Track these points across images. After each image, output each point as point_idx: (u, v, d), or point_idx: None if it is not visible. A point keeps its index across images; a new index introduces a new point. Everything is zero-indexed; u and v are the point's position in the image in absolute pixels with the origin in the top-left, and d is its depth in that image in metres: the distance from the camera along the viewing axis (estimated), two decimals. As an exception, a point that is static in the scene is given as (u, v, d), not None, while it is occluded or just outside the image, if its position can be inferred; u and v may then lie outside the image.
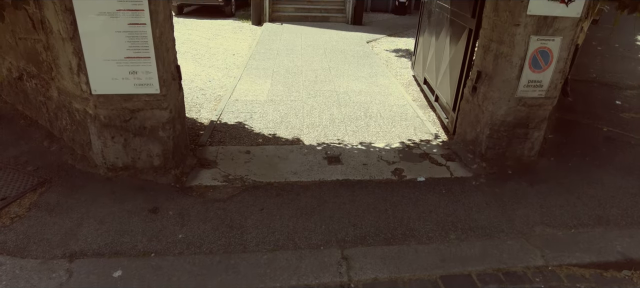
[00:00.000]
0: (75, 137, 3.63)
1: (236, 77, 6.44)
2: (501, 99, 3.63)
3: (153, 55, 2.94)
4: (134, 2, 2.77)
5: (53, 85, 3.61)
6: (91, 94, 3.11)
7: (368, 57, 8.36)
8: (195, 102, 5.30)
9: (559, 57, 3.50)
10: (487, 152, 3.84)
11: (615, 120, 5.23)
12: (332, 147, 4.16)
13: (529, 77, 3.53)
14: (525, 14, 3.29)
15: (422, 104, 5.72)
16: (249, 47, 8.82)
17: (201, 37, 9.54)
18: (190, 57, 7.64)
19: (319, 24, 12.09)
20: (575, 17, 3.35)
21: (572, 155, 4.20)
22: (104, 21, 2.83)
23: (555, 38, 3.42)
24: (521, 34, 3.36)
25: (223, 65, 7.24)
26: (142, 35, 2.86)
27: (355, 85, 6.34)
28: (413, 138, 4.49)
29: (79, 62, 3.02)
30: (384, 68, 7.54)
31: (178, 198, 3.14)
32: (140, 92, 3.09)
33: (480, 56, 3.90)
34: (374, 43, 10.05)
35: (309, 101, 5.51)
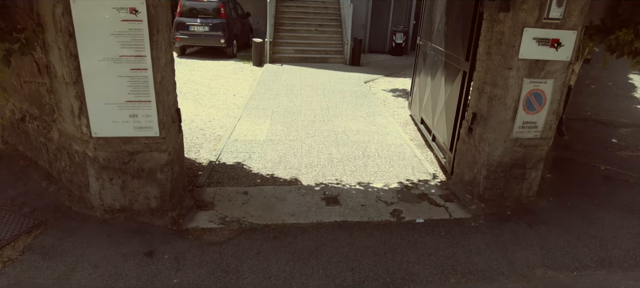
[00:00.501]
0: (73, 178, 3.63)
1: (236, 117, 6.53)
2: (497, 140, 3.67)
3: (154, 99, 3.00)
4: (137, 49, 2.87)
5: (54, 127, 3.66)
6: (91, 137, 3.15)
7: (366, 96, 8.51)
8: (195, 142, 5.34)
9: (552, 98, 3.58)
10: (485, 193, 3.84)
11: (613, 159, 5.25)
12: (330, 187, 4.15)
13: (523, 119, 3.58)
14: (517, 57, 3.39)
15: (419, 143, 5.77)
16: (250, 87, 8.99)
17: (203, 77, 9.74)
18: (191, 97, 7.77)
19: (318, 64, 12.38)
20: (565, 60, 3.45)
21: (571, 194, 4.19)
22: (107, 66, 2.91)
23: (547, 80, 3.51)
24: (514, 77, 3.45)
25: (223, 105, 7.36)
26: (144, 79, 2.94)
27: (353, 125, 6.42)
28: (411, 178, 4.50)
29: (81, 105, 3.08)
30: (381, 108, 7.66)
31: (174, 241, 3.11)
32: (140, 135, 3.13)
33: (475, 98, 3.98)
34: (372, 83, 10.25)
35: (308, 141, 5.56)
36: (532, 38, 3.34)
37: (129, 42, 2.84)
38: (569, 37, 3.38)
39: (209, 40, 12.56)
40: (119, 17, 2.80)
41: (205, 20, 12.39)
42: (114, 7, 2.78)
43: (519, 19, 3.31)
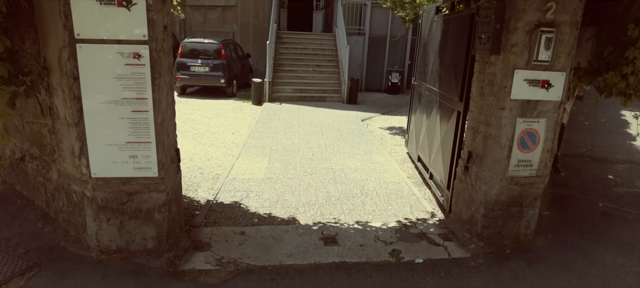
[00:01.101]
0: (70, 218, 3.62)
1: (234, 156, 6.57)
2: (493, 178, 3.70)
3: (154, 140, 3.05)
4: (139, 91, 2.95)
5: (54, 167, 3.68)
6: (90, 177, 3.17)
7: (363, 134, 8.61)
8: (193, 181, 5.35)
9: (546, 137, 3.64)
10: (484, 231, 3.83)
11: (610, 195, 5.27)
12: (328, 226, 4.13)
13: (518, 157, 3.64)
14: (509, 98, 3.49)
15: (417, 181, 5.79)
16: (249, 126, 9.10)
17: (202, 116, 9.87)
18: (191, 136, 7.84)
19: (316, 103, 12.58)
20: (556, 100, 3.55)
21: (570, 232, 4.18)
22: (109, 108, 2.98)
23: (540, 120, 3.59)
24: (507, 117, 3.53)
25: (222, 144, 7.42)
26: (145, 121, 3.00)
27: (351, 163, 6.46)
28: (409, 216, 4.49)
29: (82, 146, 3.13)
30: (378, 145, 7.73)
31: (170, 283, 3.06)
32: (139, 176, 3.15)
33: (470, 137, 4.05)
34: (369, 121, 10.39)
35: (306, 179, 5.58)
36: (523, 79, 3.45)
37: (131, 85, 2.93)
38: (559, 78, 3.49)
39: (209, 80, 12.82)
40: (122, 61, 2.90)
41: (206, 61, 12.69)
42: (118, 51, 2.89)
43: (510, 61, 3.43)
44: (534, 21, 3.32)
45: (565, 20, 3.36)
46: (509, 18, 3.39)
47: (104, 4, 2.81)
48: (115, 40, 2.88)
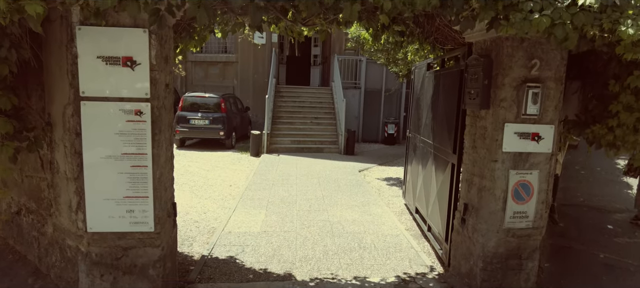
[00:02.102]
0: (63, 274, 3.55)
1: (231, 208, 6.54)
2: (490, 230, 3.70)
3: (151, 195, 3.08)
4: (139, 147, 3.02)
5: (49, 221, 3.67)
6: (86, 231, 3.16)
7: (360, 185, 8.62)
8: (188, 235, 5.29)
9: (540, 188, 3.69)
10: (483, 285, 3.76)
11: (611, 246, 5.21)
12: (325, 282, 4.05)
13: (513, 209, 3.66)
14: (501, 151, 3.57)
15: (415, 233, 5.74)
16: (246, 177, 9.12)
17: (200, 168, 9.91)
18: (188, 189, 7.84)
19: (313, 154, 12.70)
20: (547, 152, 3.63)
21: (573, 285, 4.10)
22: (109, 163, 3.03)
23: (532, 172, 3.65)
24: (500, 169, 3.60)
25: (219, 196, 7.40)
26: (143, 176, 3.05)
27: (348, 215, 6.42)
28: (408, 271, 4.41)
29: (79, 200, 3.14)
30: (376, 197, 7.73)
31: (161, 344, 2.95)
32: (135, 230, 3.15)
33: (465, 189, 4.09)
34: (366, 172, 10.44)
35: (303, 232, 5.52)
36: (513, 132, 3.56)
37: (132, 140, 3.01)
38: (548, 131, 3.60)
39: (208, 133, 13.01)
40: (124, 117, 3.00)
41: (206, 114, 12.95)
42: (121, 108, 2.99)
43: (499, 115, 3.55)
44: (520, 77, 3.48)
45: (550, 76, 3.52)
46: (497, 74, 3.55)
47: (110, 64, 2.96)
48: (118, 97, 3.00)
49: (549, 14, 2.81)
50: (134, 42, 2.92)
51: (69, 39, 2.96)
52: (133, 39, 2.92)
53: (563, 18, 2.82)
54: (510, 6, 2.87)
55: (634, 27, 2.80)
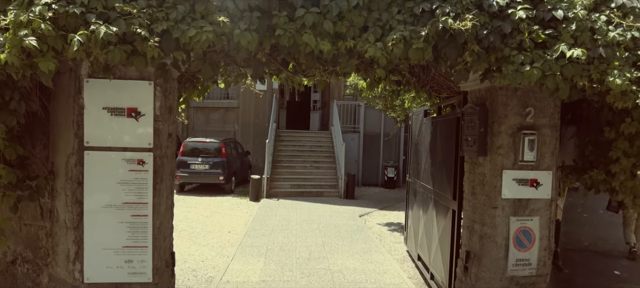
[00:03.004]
0: (55, 328, 3.44)
1: (229, 256, 6.43)
2: (492, 278, 3.63)
3: (150, 244, 3.06)
4: (140, 196, 3.04)
5: (45, 271, 3.60)
6: (83, 282, 3.10)
7: (361, 231, 8.51)
8: (186, 285, 5.17)
9: (541, 235, 3.66)
10: (490, 337, 3.64)
11: (618, 295, 5.09)
12: (326, 334, 3.92)
13: (516, 256, 3.61)
14: (500, 197, 3.58)
15: (418, 281, 5.61)
16: (245, 223, 9.03)
17: (199, 214, 9.83)
18: (186, 235, 7.74)
19: (313, 198, 12.63)
20: (546, 198, 3.64)
21: (581, 337, 3.96)
22: (109, 213, 3.04)
23: (533, 218, 3.64)
24: (500, 216, 3.59)
25: (218, 243, 7.30)
26: (143, 225, 3.04)
27: (349, 263, 6.30)
28: (411, 321, 4.28)
29: (77, 250, 3.12)
30: (377, 243, 7.61)
31: None
32: (132, 281, 3.09)
33: (467, 236, 4.05)
34: (367, 217, 10.34)
35: (302, 281, 5.40)
36: (511, 179, 3.58)
37: (133, 190, 3.03)
38: (546, 177, 3.63)
39: (208, 178, 13.00)
40: (127, 167, 3.04)
41: (206, 159, 13.01)
42: (124, 158, 3.04)
43: (497, 162, 3.60)
44: (515, 125, 3.56)
45: (545, 123, 3.60)
46: (492, 122, 3.63)
47: (115, 115, 3.04)
48: (121, 147, 3.05)
49: (540, 66, 2.93)
50: (139, 94, 3.02)
51: (76, 91, 3.05)
52: (138, 91, 3.02)
53: (553, 70, 2.93)
54: (502, 59, 3.00)
55: (621, 78, 2.91)
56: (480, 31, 2.94)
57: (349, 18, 2.83)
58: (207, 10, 2.68)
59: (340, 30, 2.85)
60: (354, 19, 2.85)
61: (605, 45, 3.03)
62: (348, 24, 2.84)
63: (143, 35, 2.56)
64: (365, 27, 2.95)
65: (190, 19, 2.70)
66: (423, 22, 2.88)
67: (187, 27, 2.62)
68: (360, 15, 2.86)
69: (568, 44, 2.98)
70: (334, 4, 2.77)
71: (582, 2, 3.13)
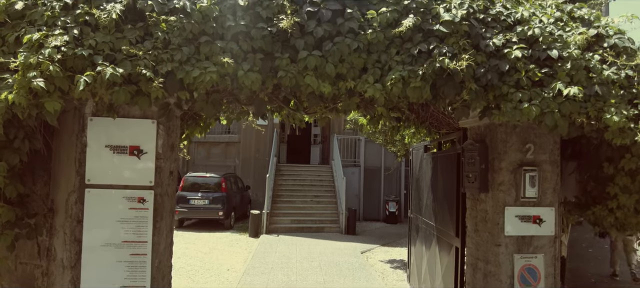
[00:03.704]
0: None
1: (229, 295, 6.28)
2: (499, 319, 3.54)
3: (149, 284, 3.00)
4: (139, 235, 3.01)
5: (39, 312, 3.51)
6: (77, 325, 3.02)
7: (363, 269, 8.34)
8: (183, 326, 5.02)
9: (547, 273, 3.59)
10: None
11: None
12: None
13: (522, 296, 3.53)
14: (503, 235, 3.54)
15: (422, 321, 5.44)
16: (244, 260, 8.86)
17: (198, 251, 9.66)
18: (185, 274, 7.58)
19: (313, 234, 12.46)
20: (550, 235, 3.60)
21: None
22: (108, 251, 3.00)
23: (537, 255, 3.58)
24: (504, 253, 3.54)
25: (216, 282, 7.14)
26: (142, 264, 2.99)
27: (351, 302, 6.15)
28: None
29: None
30: (380, 281, 7.44)
31: None
32: (128, 323, 3.01)
33: (471, 273, 3.98)
34: (369, 253, 10.16)
35: (303, 321, 5.25)
36: (514, 215, 3.55)
37: (133, 228, 3.01)
38: (548, 213, 3.60)
39: (207, 213, 12.89)
40: (127, 205, 3.02)
41: (206, 194, 12.93)
42: (124, 196, 3.03)
43: (499, 199, 3.58)
44: (516, 161, 3.57)
45: (545, 159, 3.61)
46: (493, 158, 3.65)
47: (117, 153, 3.06)
48: (122, 185, 3.05)
49: (538, 103, 2.98)
50: (142, 132, 3.05)
51: (80, 129, 3.09)
52: (141, 129, 3.06)
53: (551, 107, 2.98)
54: (501, 97, 3.05)
55: (618, 115, 2.95)
56: (477, 70, 3.01)
57: (350, 60, 2.91)
58: (211, 51, 2.76)
59: (341, 72, 2.92)
60: (354, 61, 2.93)
61: (600, 83, 3.10)
62: (348, 66, 2.91)
63: (148, 76, 2.62)
64: (365, 68, 3.02)
65: (195, 60, 2.77)
66: (421, 63, 2.96)
67: (191, 68, 2.69)
68: (360, 58, 2.94)
69: (564, 82, 3.04)
70: (336, 48, 2.85)
71: (575, 42, 3.23)
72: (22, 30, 2.64)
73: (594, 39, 3.32)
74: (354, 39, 2.94)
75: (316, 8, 2.93)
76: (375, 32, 2.96)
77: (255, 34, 2.85)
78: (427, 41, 3.02)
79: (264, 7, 2.90)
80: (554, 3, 3.76)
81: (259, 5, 2.91)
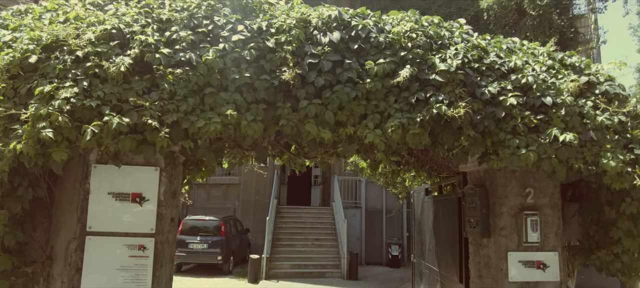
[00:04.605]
0: None
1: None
2: None
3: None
4: (139, 283, 2.97)
5: None
6: None
7: (366, 316, 8.07)
8: None
9: (555, 321, 3.50)
10: None
11: None
12: None
13: (530, 346, 3.42)
14: (507, 280, 3.48)
15: None
16: (243, 307, 8.59)
17: (195, 298, 9.39)
18: (181, 322, 7.34)
19: (314, 280, 12.16)
20: (555, 281, 3.54)
21: None
22: (106, 302, 2.94)
23: (543, 302, 3.50)
24: (510, 301, 3.46)
25: (214, 330, 6.89)
26: (140, 316, 2.93)
27: (354, 351, 5.90)
28: None
29: (68, 343, 2.96)
30: (383, 329, 7.18)
31: None
32: None
33: (477, 322, 3.87)
34: (371, 299, 9.86)
35: None
36: (517, 261, 3.51)
37: (132, 276, 2.97)
38: (552, 258, 3.56)
39: (206, 258, 12.64)
40: (127, 253, 3.00)
41: (205, 238, 12.74)
42: (125, 244, 3.02)
43: (501, 244, 3.55)
44: (516, 205, 3.57)
45: (546, 203, 3.62)
46: (494, 203, 3.65)
47: (119, 200, 3.07)
48: (123, 232, 3.04)
49: (535, 149, 3.03)
50: (144, 179, 3.09)
51: (83, 177, 3.12)
52: (144, 177, 3.09)
53: (548, 153, 3.03)
54: (498, 143, 3.11)
55: (615, 160, 2.99)
56: (474, 117, 3.09)
57: (349, 108, 3.00)
58: (215, 102, 2.84)
59: (341, 119, 3.00)
60: (354, 108, 3.02)
61: (595, 129, 3.16)
62: (348, 113, 3.00)
63: (154, 126, 2.69)
64: (364, 115, 3.10)
65: (200, 110, 2.85)
66: (419, 110, 3.04)
67: (196, 118, 2.76)
68: (359, 105, 3.03)
69: (560, 128, 3.11)
70: (335, 96, 2.95)
71: (568, 89, 3.33)
72: (35, 83, 2.74)
73: (585, 86, 3.43)
74: (353, 88, 3.05)
75: (317, 59, 3.06)
76: (374, 81, 3.06)
77: (259, 85, 2.96)
78: (424, 90, 3.12)
79: (267, 60, 3.02)
80: (546, 51, 3.91)
81: (263, 59, 3.04)
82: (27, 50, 2.82)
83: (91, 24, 3.05)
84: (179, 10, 3.24)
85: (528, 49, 3.86)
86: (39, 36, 2.90)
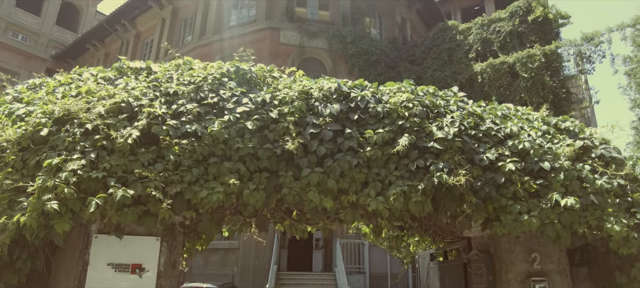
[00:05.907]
0: None
1: None
2: None
3: None
4: None
5: None
6: None
7: None
8: None
9: None
10: None
11: None
12: None
13: None
14: None
15: None
16: None
17: None
18: None
19: None
20: None
21: None
22: None
23: None
24: None
25: None
26: None
27: None
28: None
29: None
30: None
31: None
32: None
33: None
34: None
35: None
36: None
37: None
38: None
39: (202, 328, 11.99)
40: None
41: (202, 307, 12.18)
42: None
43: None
44: (523, 272, 3.49)
45: (553, 268, 3.53)
46: (500, 270, 3.57)
47: (118, 271, 3.01)
48: (121, 306, 2.95)
49: (537, 214, 3.03)
50: (145, 250, 3.05)
51: (83, 247, 3.08)
52: (144, 247, 3.06)
53: (551, 218, 3.02)
54: (500, 209, 3.11)
55: (619, 224, 2.97)
56: (474, 183, 3.12)
57: (351, 175, 3.04)
58: (219, 171, 2.89)
59: (343, 187, 3.04)
60: (355, 176, 3.06)
61: (595, 193, 3.18)
62: (350, 181, 3.04)
63: (157, 197, 2.71)
64: (365, 183, 3.13)
65: (203, 180, 2.89)
66: (419, 177, 3.08)
67: (199, 188, 2.79)
68: (361, 172, 3.08)
69: (560, 193, 3.12)
70: (337, 164, 3.01)
71: (565, 154, 3.38)
72: (43, 155, 2.80)
73: (581, 150, 3.50)
74: (354, 156, 3.11)
75: (318, 129, 3.15)
76: (374, 149, 3.13)
77: (262, 154, 3.02)
78: (423, 157, 3.18)
79: (271, 130, 3.12)
80: (540, 116, 4.03)
81: (266, 129, 3.14)
82: (39, 124, 2.92)
83: (102, 98, 3.18)
84: (186, 83, 3.39)
85: (523, 114, 3.98)
86: (52, 110, 3.02)
